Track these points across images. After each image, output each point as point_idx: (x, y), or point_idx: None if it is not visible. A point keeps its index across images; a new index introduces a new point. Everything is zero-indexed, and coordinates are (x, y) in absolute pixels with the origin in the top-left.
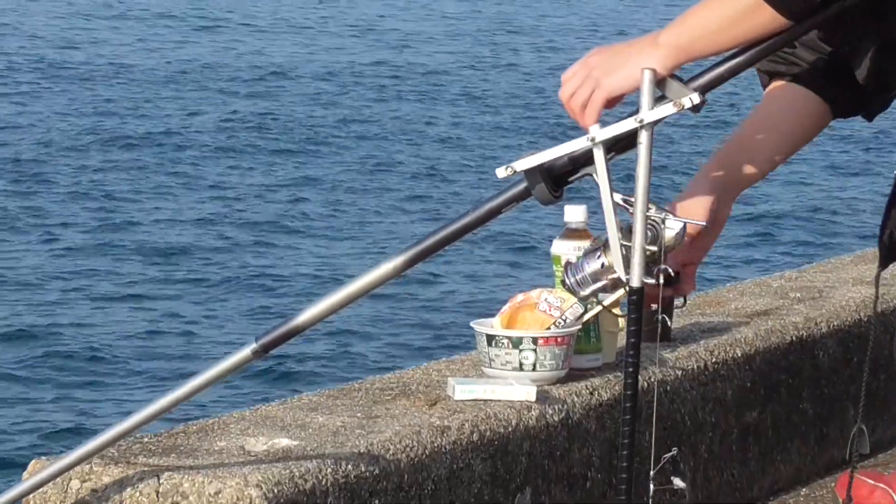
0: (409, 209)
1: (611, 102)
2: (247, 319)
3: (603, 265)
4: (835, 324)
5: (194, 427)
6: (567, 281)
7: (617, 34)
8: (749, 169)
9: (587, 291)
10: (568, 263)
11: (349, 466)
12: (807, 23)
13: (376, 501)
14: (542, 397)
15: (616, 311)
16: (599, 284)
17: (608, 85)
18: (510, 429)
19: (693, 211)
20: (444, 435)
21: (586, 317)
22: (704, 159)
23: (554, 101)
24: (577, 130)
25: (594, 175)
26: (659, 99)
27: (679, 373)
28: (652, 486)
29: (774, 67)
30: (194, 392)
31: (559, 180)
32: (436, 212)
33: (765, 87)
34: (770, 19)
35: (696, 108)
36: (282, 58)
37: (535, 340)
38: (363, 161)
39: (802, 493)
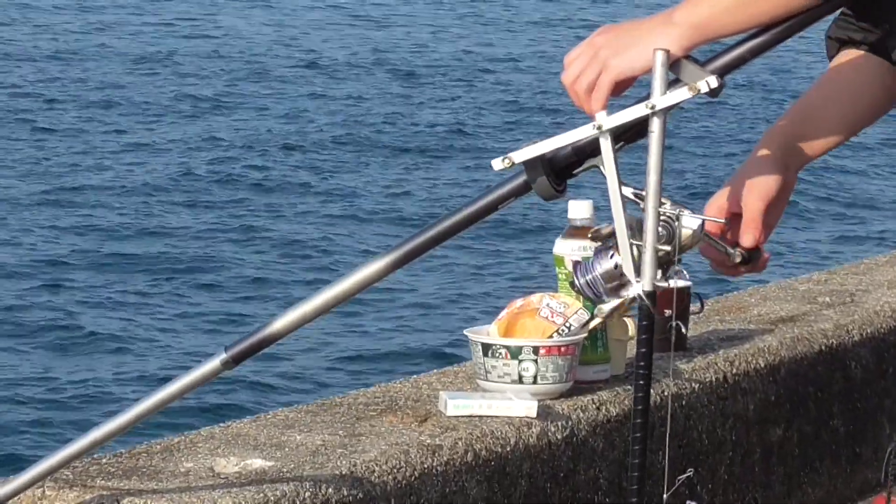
0: (397, 204)
1: (619, 86)
2: (216, 327)
3: (616, 265)
4: (868, 331)
5: (158, 446)
6: (576, 282)
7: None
8: (814, 139)
9: (600, 294)
10: (577, 263)
11: (330, 490)
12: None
13: None
14: (544, 413)
15: (626, 317)
16: (614, 286)
17: (616, 67)
18: (508, 448)
19: (759, 180)
20: (436, 455)
21: (593, 323)
22: (722, 149)
23: (556, 85)
24: (582, 118)
25: (601, 167)
26: (673, 82)
27: (695, 386)
28: None
29: (846, 34)
30: (158, 407)
31: (562, 173)
32: (426, 208)
33: (831, 56)
34: None
35: (713, 93)
36: (257, 47)
37: (535, 350)
38: (347, 154)
39: None
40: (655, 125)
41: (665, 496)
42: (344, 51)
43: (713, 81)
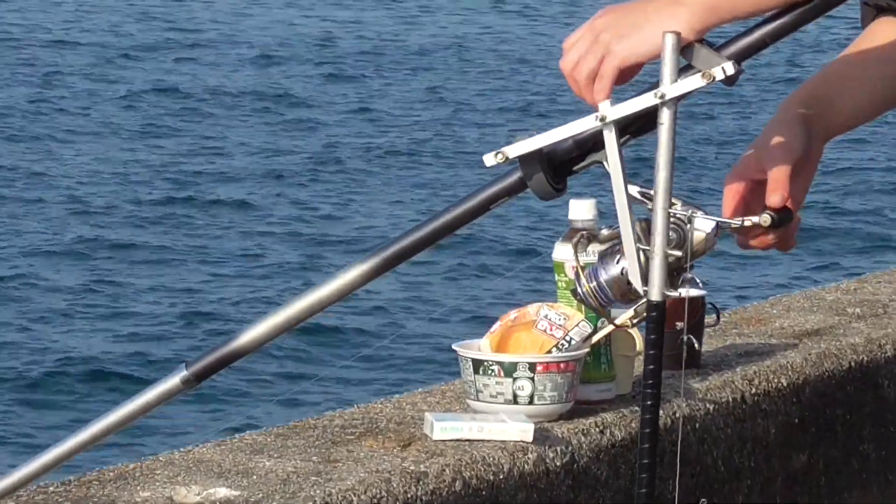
0: (378, 205)
1: (624, 74)
2: (177, 341)
3: (623, 271)
4: None
5: (111, 473)
6: (579, 290)
7: None
8: (841, 109)
9: (605, 304)
10: (580, 269)
11: None
12: None
13: None
14: (541, 437)
15: (633, 330)
16: (620, 295)
17: (621, 52)
18: (501, 475)
19: (783, 140)
20: (420, 483)
21: (596, 337)
22: (738, 144)
23: (555, 72)
24: (583, 108)
25: (604, 162)
26: (684, 69)
27: (710, 407)
28: None
29: (885, 0)
30: (111, 430)
31: (562, 169)
32: (408, 211)
33: (866, 23)
34: None
35: (729, 80)
36: (212, 34)
37: (532, 367)
38: (314, 152)
39: None
40: (665, 116)
41: None
42: (309, 33)
43: (729, 68)
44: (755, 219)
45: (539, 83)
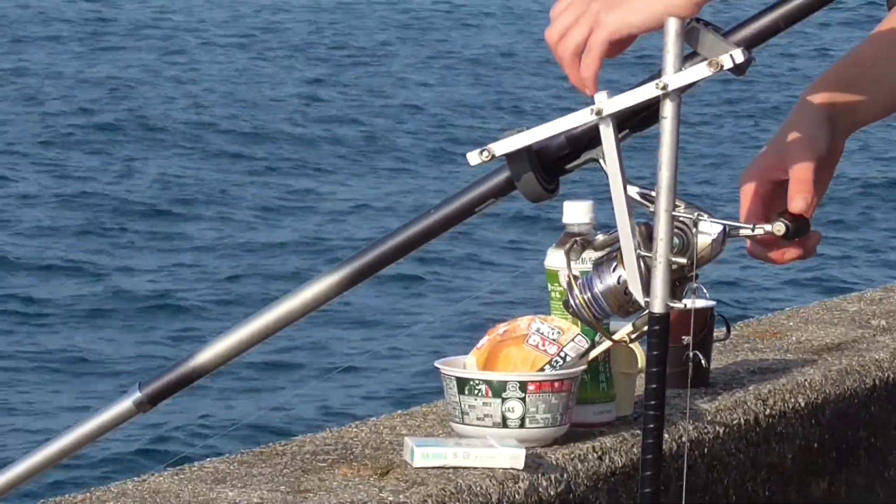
0: (355, 209)
1: (615, 47)
2: (130, 359)
3: (620, 280)
4: None
5: None
6: (571, 302)
7: None
8: (866, 99)
9: (600, 317)
10: (572, 278)
11: None
12: None
13: None
14: (534, 463)
15: (635, 345)
16: (616, 307)
17: (611, 24)
18: None
19: (806, 135)
20: None
21: (593, 353)
22: (748, 140)
23: (545, 59)
24: (577, 100)
25: (601, 160)
26: (689, 56)
27: (720, 429)
28: None
29: None
30: (57, 458)
31: (554, 168)
32: (383, 215)
33: (892, 5)
34: None
35: (739, 69)
36: (194, 22)
37: (523, 386)
38: (281, 150)
39: None
40: (668, 109)
41: None
42: (272, 17)
43: (738, 55)
44: (767, 227)
45: (530, 74)
